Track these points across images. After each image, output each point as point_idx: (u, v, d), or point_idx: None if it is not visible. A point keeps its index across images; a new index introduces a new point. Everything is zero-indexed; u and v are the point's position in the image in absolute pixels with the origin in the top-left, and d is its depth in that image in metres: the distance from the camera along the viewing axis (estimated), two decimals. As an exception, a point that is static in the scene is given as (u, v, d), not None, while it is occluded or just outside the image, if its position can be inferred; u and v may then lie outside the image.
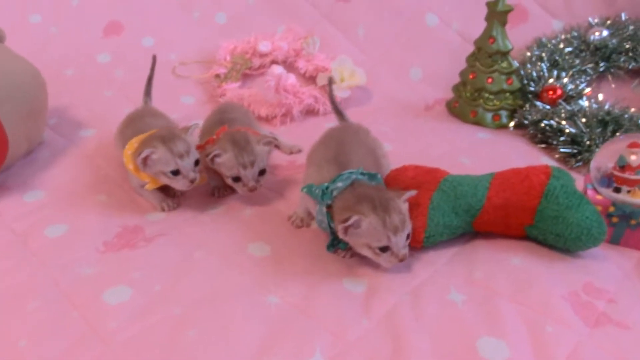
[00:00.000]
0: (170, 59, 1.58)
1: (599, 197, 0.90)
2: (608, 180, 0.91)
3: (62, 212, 0.96)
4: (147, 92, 1.26)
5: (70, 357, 0.65)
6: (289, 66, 1.54)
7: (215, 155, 0.95)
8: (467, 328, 0.68)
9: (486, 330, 0.67)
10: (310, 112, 1.44)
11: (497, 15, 1.31)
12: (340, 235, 0.77)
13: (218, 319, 0.70)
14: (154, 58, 1.30)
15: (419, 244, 0.84)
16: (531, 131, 1.29)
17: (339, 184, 0.80)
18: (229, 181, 0.97)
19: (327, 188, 0.81)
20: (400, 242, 0.75)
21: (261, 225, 0.93)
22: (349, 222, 0.74)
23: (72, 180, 1.06)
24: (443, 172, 0.89)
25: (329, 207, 0.80)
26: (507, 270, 0.79)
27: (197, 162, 0.96)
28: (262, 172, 0.96)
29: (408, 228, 0.77)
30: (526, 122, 1.30)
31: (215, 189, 1.05)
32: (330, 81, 1.17)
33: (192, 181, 0.93)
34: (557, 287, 0.74)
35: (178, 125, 1.11)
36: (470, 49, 1.50)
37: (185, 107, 1.45)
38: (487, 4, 1.33)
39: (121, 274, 0.79)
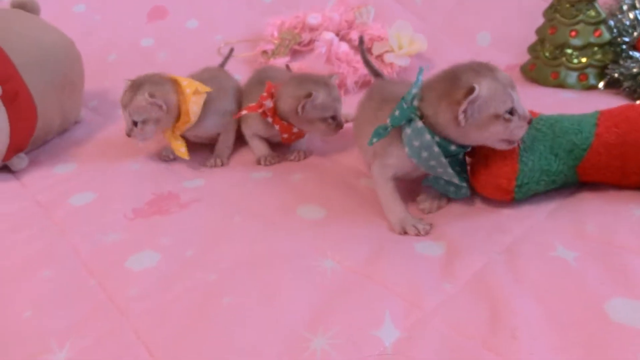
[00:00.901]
0: (216, 40, 1.49)
1: None
2: None
3: (92, 181, 0.86)
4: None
5: (83, 329, 0.53)
6: (342, 38, 1.40)
7: (308, 99, 0.84)
8: (589, 289, 0.50)
9: (616, 290, 0.50)
10: (365, 83, 1.29)
11: (580, -45, 1.13)
12: (462, 119, 0.62)
13: (260, 286, 0.56)
14: (231, 50, 1.23)
15: (509, 195, 0.67)
16: (628, 88, 1.09)
17: (413, 90, 0.65)
18: (317, 125, 0.88)
19: (403, 100, 0.66)
20: (519, 99, 0.65)
21: (313, 188, 0.79)
22: (475, 93, 0.60)
23: (105, 152, 0.96)
24: (535, 112, 0.73)
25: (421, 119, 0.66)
26: (631, 222, 0.60)
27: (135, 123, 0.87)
28: None
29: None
30: (621, 78, 1.10)
31: (262, 158, 0.92)
32: (361, 40, 1.05)
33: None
34: None
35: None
36: (544, 5, 1.32)
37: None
38: (568, -55, 1.15)
39: (149, 239, 0.67)
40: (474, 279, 0.55)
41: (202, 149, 0.97)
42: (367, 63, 0.99)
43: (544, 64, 1.22)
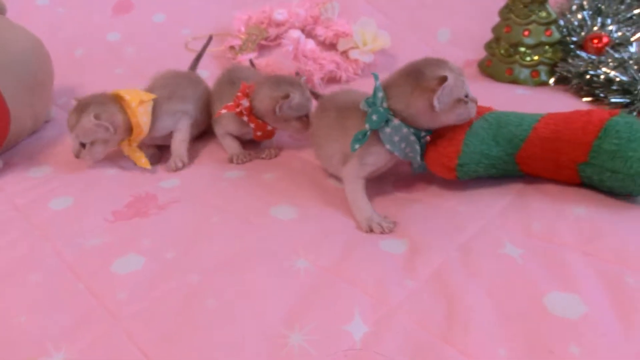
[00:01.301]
0: (183, 35, 1.50)
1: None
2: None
3: (69, 185, 0.88)
4: (193, 67, 1.19)
5: (76, 333, 0.57)
6: (307, 34, 1.44)
7: (286, 99, 0.90)
8: (531, 284, 0.57)
9: (554, 284, 0.57)
10: (332, 79, 1.34)
11: (533, -41, 1.20)
12: (436, 105, 0.71)
13: (239, 286, 0.61)
14: (210, 37, 1.26)
15: (452, 173, 0.76)
16: (575, 85, 1.17)
17: (379, 94, 0.74)
18: (292, 124, 0.94)
19: (373, 104, 0.74)
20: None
21: (285, 187, 0.84)
22: (449, 81, 0.71)
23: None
24: (489, 108, 0.80)
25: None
26: (570, 220, 0.68)
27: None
28: None
29: None
30: (569, 75, 1.19)
31: (234, 156, 0.96)
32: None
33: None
34: (633, 235, 0.63)
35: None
36: (501, 3, 1.39)
37: (200, 81, 1.37)
38: (521, -52, 1.22)
39: (131, 242, 0.71)
40: (433, 275, 0.61)
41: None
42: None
43: (499, 61, 1.29)
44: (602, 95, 1.11)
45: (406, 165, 0.82)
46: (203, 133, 1.07)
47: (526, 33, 1.24)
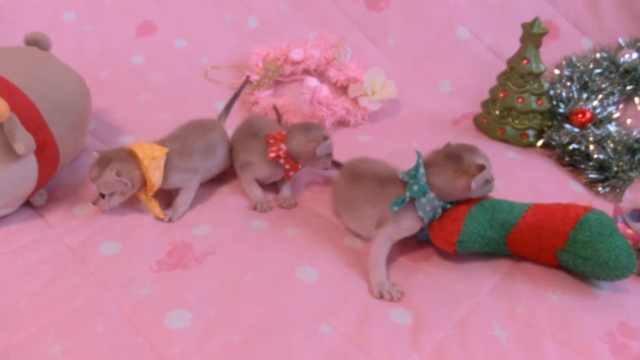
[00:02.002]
0: (202, 63, 1.60)
1: (629, 231, 0.94)
2: (639, 214, 0.95)
3: (113, 227, 0.99)
4: (227, 107, 1.30)
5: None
6: (320, 74, 1.56)
7: (325, 141, 1.07)
8: (513, 367, 0.72)
9: (531, 370, 0.71)
10: (341, 123, 1.47)
11: (532, 38, 1.33)
12: (473, 186, 0.89)
13: (276, 349, 0.74)
14: (247, 78, 1.39)
15: (452, 247, 0.90)
16: (559, 153, 1.32)
17: (421, 170, 0.90)
18: (322, 160, 1.09)
19: (414, 177, 0.90)
20: None
21: (306, 245, 0.97)
22: (487, 169, 0.89)
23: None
24: (487, 196, 0.95)
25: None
26: (547, 306, 0.83)
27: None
28: None
29: None
30: (554, 143, 1.33)
31: (258, 204, 1.08)
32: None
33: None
34: (595, 328, 0.78)
35: None
36: (500, 64, 1.52)
37: (218, 112, 1.47)
38: (523, 25, 1.35)
39: (178, 296, 0.83)
40: (434, 351, 0.75)
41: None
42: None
43: (493, 120, 1.43)
44: (582, 167, 1.26)
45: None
46: (222, 174, 1.18)
47: (520, 100, 1.38)
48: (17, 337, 0.76)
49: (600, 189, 1.20)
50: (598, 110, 1.35)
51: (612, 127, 1.31)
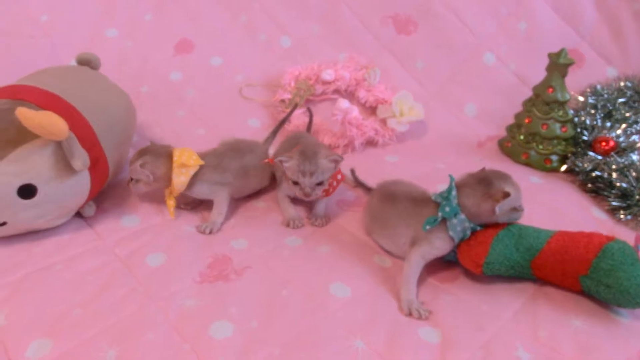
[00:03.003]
0: (237, 80, 1.66)
1: (651, 259, 0.98)
2: (661, 244, 0.99)
3: (158, 239, 1.06)
4: (274, 132, 1.39)
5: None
6: (350, 95, 1.62)
7: (282, 160, 1.09)
8: (537, 389, 0.76)
9: (554, 393, 0.76)
10: (369, 142, 1.52)
11: (558, 67, 1.38)
12: (497, 210, 0.93)
13: (313, 363, 0.80)
14: (295, 105, 1.49)
15: (478, 269, 0.95)
16: (582, 179, 1.35)
17: (453, 192, 0.95)
18: (289, 184, 1.11)
19: (447, 199, 0.95)
20: None
21: (338, 263, 1.02)
22: (511, 197, 0.93)
23: (159, 205, 1.17)
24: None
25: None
26: (570, 332, 0.87)
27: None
28: (320, 184, 1.10)
29: None
30: (577, 169, 1.37)
31: (291, 221, 1.14)
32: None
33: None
34: (616, 354, 0.82)
35: None
36: (525, 89, 1.57)
37: (252, 130, 1.54)
38: (549, 55, 1.39)
39: (220, 308, 0.89)
40: (461, 371, 0.80)
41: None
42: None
43: (517, 145, 1.48)
44: (604, 194, 1.29)
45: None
46: (259, 192, 1.24)
47: (544, 127, 1.42)
48: (73, 342, 0.82)
49: (622, 216, 1.24)
50: (621, 139, 1.39)
51: (634, 156, 1.34)
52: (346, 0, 1.71)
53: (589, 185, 1.33)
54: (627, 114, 1.44)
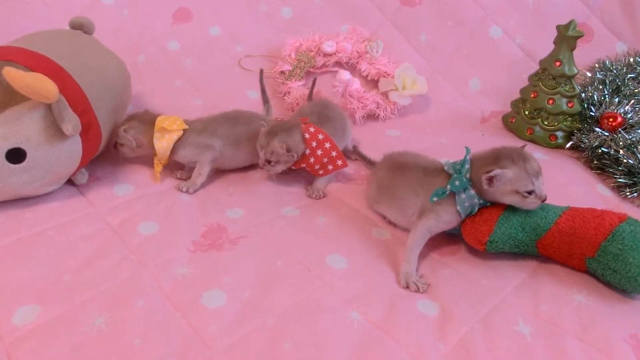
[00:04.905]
0: (236, 51, 1.63)
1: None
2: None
3: (152, 209, 1.03)
4: (265, 101, 1.34)
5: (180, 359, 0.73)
6: (351, 67, 1.58)
7: (262, 125, 1.12)
8: (537, 362, 0.74)
9: (555, 366, 0.73)
10: (370, 116, 1.49)
11: (567, 40, 1.34)
12: (485, 186, 0.89)
13: (308, 334, 0.77)
14: (261, 72, 1.38)
15: (482, 246, 0.92)
16: (588, 155, 1.32)
17: (466, 166, 0.92)
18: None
19: (459, 172, 0.91)
20: (541, 185, 0.89)
21: (335, 234, 1.00)
22: (492, 174, 0.87)
23: (153, 173, 1.14)
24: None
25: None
26: (572, 306, 0.85)
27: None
28: (269, 162, 1.10)
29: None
30: (583, 145, 1.34)
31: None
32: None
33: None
34: (619, 329, 0.80)
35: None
36: (532, 64, 1.53)
37: (251, 101, 1.51)
38: (558, 27, 1.35)
39: (213, 276, 0.87)
40: (459, 343, 0.78)
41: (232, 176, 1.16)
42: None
43: (522, 120, 1.44)
44: (610, 170, 1.26)
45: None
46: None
47: (550, 102, 1.39)
48: (62, 308, 0.80)
49: (627, 193, 1.21)
50: (629, 115, 1.35)
51: (642, 132, 1.31)
52: (349, -30, 1.66)
53: (595, 162, 1.30)
54: (636, 90, 1.40)
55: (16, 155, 0.94)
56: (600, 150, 1.29)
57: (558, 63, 1.36)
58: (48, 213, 1.00)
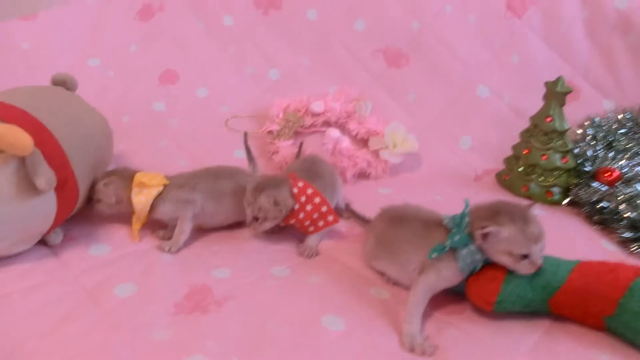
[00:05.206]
0: (223, 112, 1.60)
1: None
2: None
3: (130, 269, 0.95)
4: (251, 159, 1.30)
5: None
6: (341, 127, 1.55)
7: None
8: None
9: None
10: (361, 175, 1.45)
11: (556, 96, 1.33)
12: (478, 242, 0.83)
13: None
14: (245, 134, 1.35)
15: (489, 307, 0.85)
16: (587, 211, 1.28)
17: (466, 219, 0.85)
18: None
19: (458, 226, 0.85)
20: (539, 251, 0.82)
21: (331, 294, 0.92)
22: (486, 230, 0.81)
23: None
24: None
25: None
26: (595, 368, 0.77)
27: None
28: (257, 219, 1.04)
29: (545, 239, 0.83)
30: (581, 201, 1.30)
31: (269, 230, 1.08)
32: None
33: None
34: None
35: None
36: (520, 121, 1.52)
37: (238, 160, 1.44)
38: (546, 84, 1.35)
39: (196, 341, 0.78)
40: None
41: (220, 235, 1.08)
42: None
43: (516, 177, 1.41)
44: (612, 225, 1.21)
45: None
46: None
47: (544, 157, 1.36)
48: (22, 380, 0.70)
49: (633, 248, 1.15)
50: (625, 170, 1.33)
51: (641, 186, 1.28)
52: (337, 34, 1.68)
53: (595, 217, 1.26)
54: (629, 145, 1.39)
55: (-17, 211, 0.87)
56: (599, 205, 1.25)
57: (549, 119, 1.34)
58: (15, 274, 0.91)
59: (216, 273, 0.96)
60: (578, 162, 1.37)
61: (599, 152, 1.37)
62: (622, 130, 1.43)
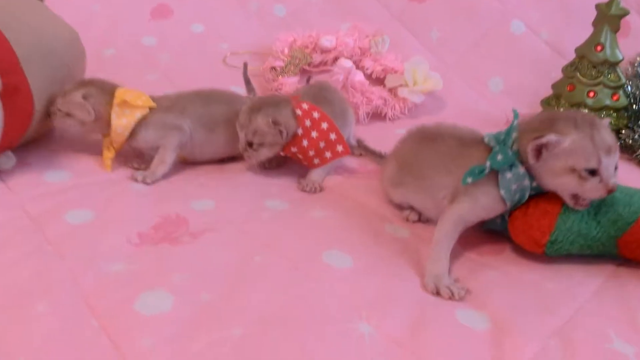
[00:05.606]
0: (221, 49, 1.42)
1: None
2: None
3: (89, 197, 0.78)
4: (250, 90, 1.13)
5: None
6: (354, 65, 1.36)
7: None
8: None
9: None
10: (376, 115, 1.26)
11: (609, 19, 1.13)
12: (531, 160, 0.64)
13: (295, 350, 0.50)
14: (245, 65, 1.16)
15: (540, 249, 0.67)
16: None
17: (513, 134, 0.66)
18: None
19: (503, 143, 0.66)
20: (611, 167, 0.63)
21: (336, 229, 0.74)
22: (543, 140, 0.62)
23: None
24: None
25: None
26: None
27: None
28: (251, 145, 0.87)
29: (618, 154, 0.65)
30: (635, 145, 1.10)
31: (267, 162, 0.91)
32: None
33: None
34: None
35: None
36: (560, 60, 1.33)
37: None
38: (597, 7, 1.15)
39: (159, 274, 0.60)
40: (530, 366, 0.50)
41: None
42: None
43: (557, 120, 1.21)
44: (671, 170, 1.02)
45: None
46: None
47: (591, 94, 1.16)
48: None
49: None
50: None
51: None
52: (350, -36, 1.48)
53: (652, 161, 1.06)
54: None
55: None
56: (656, 149, 1.05)
57: (599, 47, 1.14)
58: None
59: (196, 205, 0.79)
60: (630, 100, 1.17)
61: (655, 87, 1.17)
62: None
